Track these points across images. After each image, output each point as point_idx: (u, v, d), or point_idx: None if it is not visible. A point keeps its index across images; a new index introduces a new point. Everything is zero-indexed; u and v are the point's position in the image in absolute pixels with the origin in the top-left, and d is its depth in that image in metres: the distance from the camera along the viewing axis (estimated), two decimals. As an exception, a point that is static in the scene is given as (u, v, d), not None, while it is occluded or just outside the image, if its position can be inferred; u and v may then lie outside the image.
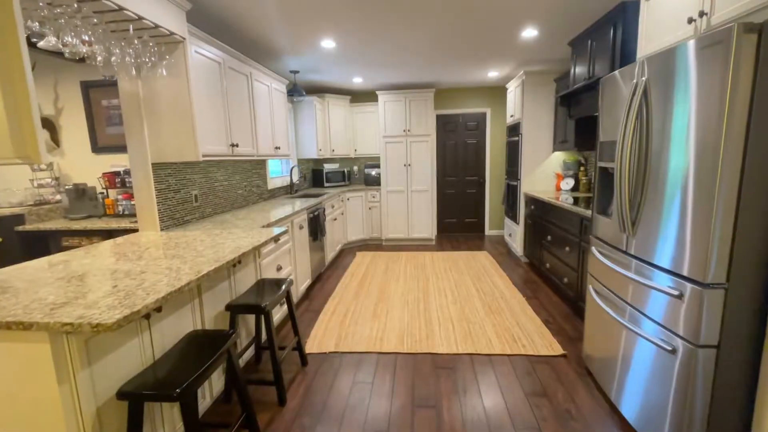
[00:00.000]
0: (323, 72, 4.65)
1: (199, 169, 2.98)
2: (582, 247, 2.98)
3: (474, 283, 3.96)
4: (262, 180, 4.20)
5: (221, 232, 2.39)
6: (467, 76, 5.18)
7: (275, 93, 3.80)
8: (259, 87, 3.41)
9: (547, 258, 3.81)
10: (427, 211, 5.67)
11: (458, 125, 6.15)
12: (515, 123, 4.79)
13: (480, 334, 2.83)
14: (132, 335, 1.44)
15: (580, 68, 3.44)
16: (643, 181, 1.71)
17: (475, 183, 6.28)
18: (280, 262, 2.99)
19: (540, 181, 4.59)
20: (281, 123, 3.94)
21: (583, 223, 2.96)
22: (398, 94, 5.44)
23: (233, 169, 3.53)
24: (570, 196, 4.01)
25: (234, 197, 3.53)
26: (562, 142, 4.13)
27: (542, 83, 4.41)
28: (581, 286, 3.00)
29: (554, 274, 3.61)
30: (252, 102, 3.23)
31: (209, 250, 1.91)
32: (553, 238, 3.64)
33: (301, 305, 3.52)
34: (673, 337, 1.54)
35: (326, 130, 5.62)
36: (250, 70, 3.19)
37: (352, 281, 4.12)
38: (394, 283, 4.03)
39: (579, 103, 3.57)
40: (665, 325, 1.58)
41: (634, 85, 1.74)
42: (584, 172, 4.25)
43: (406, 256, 5.10)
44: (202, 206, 2.99)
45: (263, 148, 3.44)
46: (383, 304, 3.46)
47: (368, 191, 5.73)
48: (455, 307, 3.33)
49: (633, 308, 1.81)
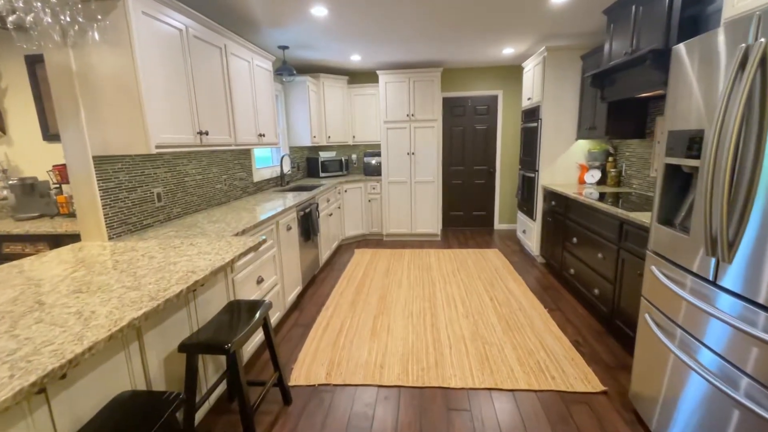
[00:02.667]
0: (316, 48, 4.09)
1: (163, 162, 2.49)
2: (621, 256, 2.50)
3: (487, 289, 3.50)
4: (247, 172, 3.69)
5: (181, 243, 1.91)
6: (478, 54, 4.61)
7: (259, 71, 3.26)
8: (237, 63, 2.87)
9: (571, 262, 3.33)
10: (432, 203, 5.17)
11: (467, 109, 5.60)
12: (533, 107, 4.25)
13: (499, 360, 2.38)
14: (17, 418, 0.98)
15: (618, 41, 2.89)
16: (749, 189, 1.21)
17: (484, 173, 5.76)
18: (262, 273, 2.52)
19: (560, 172, 4.08)
20: (266, 106, 3.41)
21: (624, 228, 2.46)
22: (401, 74, 4.88)
23: (209, 160, 3.03)
24: (596, 190, 3.51)
25: (211, 193, 3.03)
26: (589, 129, 3.61)
27: (567, 61, 3.86)
28: (618, 301, 2.54)
29: (581, 282, 3.14)
30: (227, 81, 2.70)
31: (152, 276, 1.44)
32: (579, 241, 3.16)
33: (290, 317, 3.06)
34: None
35: (321, 114, 5.08)
36: (224, 42, 2.66)
37: (349, 286, 3.66)
38: (396, 289, 3.57)
39: (614, 84, 3.04)
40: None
41: (743, 52, 1.22)
42: (613, 163, 3.73)
43: (409, 255, 4.63)
44: (167, 206, 2.51)
45: (243, 136, 2.93)
46: (384, 316, 3.00)
47: (368, 182, 5.23)
48: (467, 322, 2.87)
49: (718, 356, 1.34)
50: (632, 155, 3.48)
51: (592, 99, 3.56)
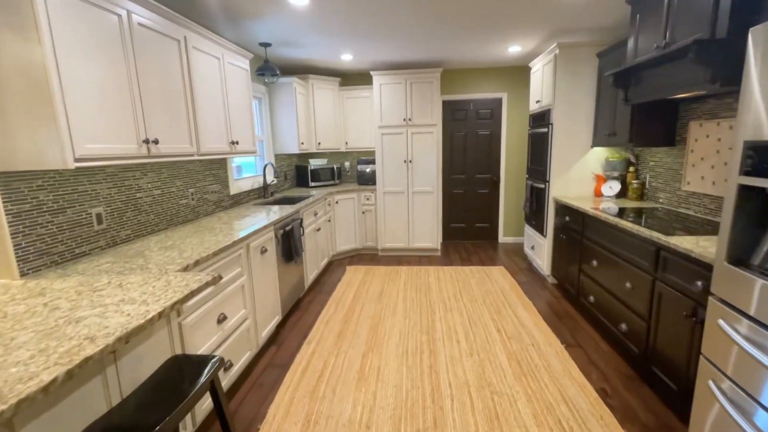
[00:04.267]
0: (302, 45, 3.69)
1: (106, 175, 2.07)
2: (657, 289, 2.07)
3: (493, 317, 3.07)
4: (222, 183, 3.28)
5: (108, 284, 1.49)
6: (481, 53, 4.21)
7: (232, 70, 2.86)
8: (202, 59, 2.47)
9: (590, 288, 2.91)
10: (431, 216, 4.75)
11: (468, 113, 5.19)
12: (542, 110, 3.84)
13: (511, 418, 1.95)
14: None
15: (646, 34, 2.49)
16: None
17: (487, 182, 5.34)
18: (225, 309, 2.10)
19: (574, 183, 3.66)
20: (242, 110, 3.01)
21: (662, 256, 2.04)
22: (397, 75, 4.48)
23: (171, 172, 2.61)
24: (615, 204, 3.10)
25: (174, 210, 2.62)
26: (608, 135, 3.19)
27: (581, 59, 3.45)
28: (653, 343, 2.11)
29: (603, 313, 2.71)
30: (188, 80, 2.30)
31: (32, 346, 1.01)
32: (601, 264, 2.73)
33: (265, 355, 2.63)
34: None
35: (310, 119, 4.67)
36: (183, 34, 2.25)
37: (337, 313, 3.23)
38: (390, 316, 3.14)
39: (640, 83, 2.63)
40: None
41: None
42: (634, 173, 3.32)
43: (406, 273, 4.21)
44: (112, 229, 2.09)
45: (210, 144, 2.51)
46: (374, 354, 2.57)
47: (361, 192, 4.81)
48: (472, 363, 2.44)
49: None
50: (658, 165, 3.07)
51: (612, 101, 3.15)
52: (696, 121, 2.61)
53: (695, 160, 2.63)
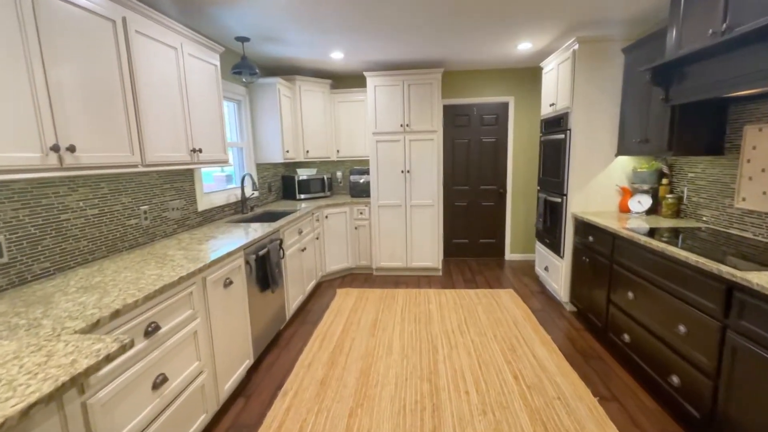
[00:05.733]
0: (286, 41, 3.25)
1: (11, 193, 1.59)
2: (729, 341, 1.59)
3: (507, 358, 2.58)
4: (188, 198, 2.80)
5: (-39, 359, 1.00)
6: (487, 51, 3.78)
7: (195, 64, 2.40)
8: (151, 48, 2.01)
9: (624, 324, 2.42)
10: (431, 231, 4.28)
11: (472, 119, 4.75)
12: (558, 115, 3.39)
13: None
14: None
15: (694, 20, 2.06)
16: None
17: (493, 194, 4.88)
18: (166, 368, 1.60)
19: (595, 197, 3.20)
20: (208, 112, 2.54)
21: (736, 297, 1.57)
22: (394, 77, 4.04)
23: (114, 186, 2.14)
24: (645, 221, 2.64)
25: (117, 234, 2.13)
26: (640, 143, 2.74)
27: (604, 55, 3.01)
28: (723, 408, 1.62)
29: (645, 359, 2.22)
30: (128, 73, 1.83)
31: None
32: (640, 297, 2.26)
33: (227, 414, 2.12)
34: None
35: (297, 124, 4.21)
36: (122, 14, 1.79)
37: (321, 352, 2.73)
38: (385, 356, 2.65)
39: (685, 80, 2.18)
40: None
41: None
42: (668, 186, 2.86)
43: (403, 297, 3.72)
44: (18, 262, 1.60)
45: (160, 153, 2.04)
46: (363, 411, 2.08)
47: (354, 205, 4.34)
48: (486, 425, 1.94)
49: None
50: (700, 177, 2.61)
51: (643, 103, 2.70)
52: (754, 125, 2.16)
53: (753, 171, 2.17)
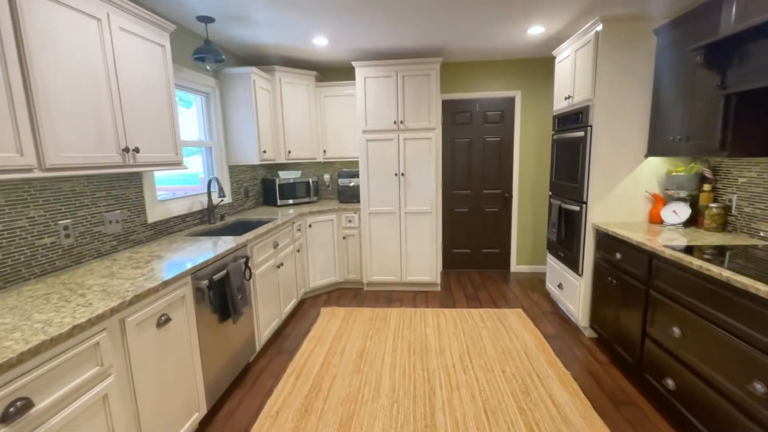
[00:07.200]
0: (257, 23, 2.77)
1: None
2: None
3: (520, 404, 2.10)
4: (132, 207, 2.32)
5: None
6: (492, 38, 3.31)
7: (130, 41, 1.92)
8: (56, 15, 1.53)
9: (668, 367, 1.94)
10: (428, 242, 3.80)
11: (474, 115, 4.28)
12: (575, 109, 2.92)
13: None
14: None
15: (768, -21, 1.58)
16: None
17: (497, 199, 4.41)
18: (49, 458, 1.12)
19: (619, 204, 2.73)
20: (153, 102, 2.06)
21: None
22: (386, 67, 3.56)
23: (14, 196, 1.66)
24: (682, 235, 2.17)
25: (21, 258, 1.65)
26: (680, 140, 2.26)
27: (631, 38, 2.55)
28: None
29: (698, 415, 1.74)
30: (15, 47, 1.35)
31: None
32: (691, 336, 1.78)
33: (165, 488, 1.65)
34: None
35: (278, 121, 3.74)
36: (2, -37, 1.31)
37: (294, 396, 2.25)
38: (371, 401, 2.17)
39: (747, 62, 1.71)
40: None
41: None
42: (711, 194, 2.39)
43: (396, 319, 3.24)
44: None
45: (70, 152, 1.56)
46: (339, 489, 1.60)
47: (342, 213, 3.86)
48: None
49: None
50: (755, 183, 2.14)
51: (683, 92, 2.23)
52: (839, 118, 1.69)
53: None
